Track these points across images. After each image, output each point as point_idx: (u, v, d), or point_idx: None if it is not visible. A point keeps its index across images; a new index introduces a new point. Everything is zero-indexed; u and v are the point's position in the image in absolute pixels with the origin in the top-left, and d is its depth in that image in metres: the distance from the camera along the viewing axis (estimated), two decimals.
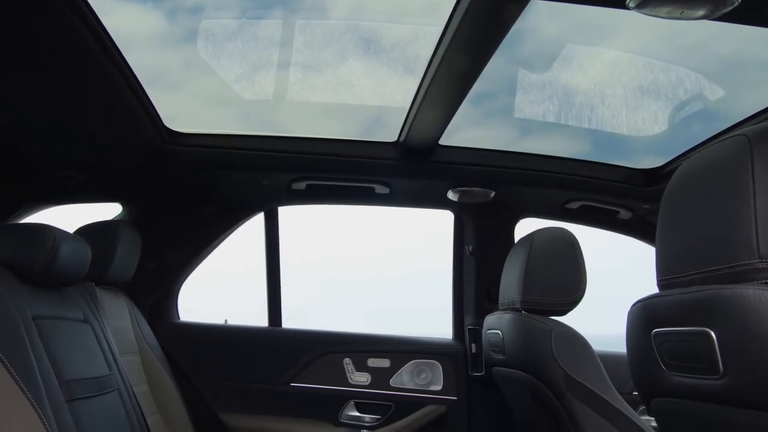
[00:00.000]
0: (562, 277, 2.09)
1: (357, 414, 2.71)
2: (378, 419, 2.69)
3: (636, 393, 2.60)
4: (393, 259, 4.11)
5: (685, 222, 1.12)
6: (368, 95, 2.38)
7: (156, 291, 2.77)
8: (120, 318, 2.20)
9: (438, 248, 3.02)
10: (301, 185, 2.59)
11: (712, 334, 0.98)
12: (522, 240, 2.24)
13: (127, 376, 1.89)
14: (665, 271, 1.17)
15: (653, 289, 1.26)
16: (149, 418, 1.95)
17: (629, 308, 1.28)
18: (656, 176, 2.53)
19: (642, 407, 2.67)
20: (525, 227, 2.84)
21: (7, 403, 1.11)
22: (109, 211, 2.75)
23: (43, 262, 1.51)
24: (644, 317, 1.20)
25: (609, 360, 2.03)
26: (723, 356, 0.97)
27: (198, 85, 2.34)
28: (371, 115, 2.53)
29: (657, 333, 1.15)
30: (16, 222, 2.46)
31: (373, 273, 4.21)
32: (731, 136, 1.03)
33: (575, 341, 2.00)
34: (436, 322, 2.97)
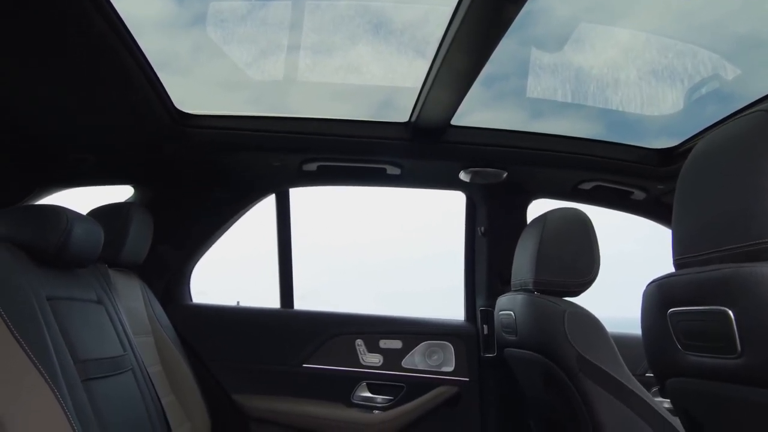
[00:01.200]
0: (575, 257, 2.07)
1: (369, 395, 2.72)
2: (390, 400, 2.70)
3: (649, 374, 2.62)
4: (406, 242, 4.11)
5: (703, 200, 1.11)
6: (379, 77, 2.36)
7: (168, 273, 2.78)
8: (133, 299, 2.21)
9: (450, 230, 3.01)
10: (312, 166, 2.58)
11: (730, 313, 0.97)
12: (535, 220, 2.23)
13: (141, 356, 1.90)
14: (681, 250, 1.15)
15: (665, 272, 1.25)
16: (163, 399, 1.96)
17: (644, 288, 1.27)
18: (671, 156, 2.50)
19: (655, 389, 2.67)
20: (537, 209, 2.83)
21: (23, 383, 1.12)
22: (120, 194, 2.77)
23: (56, 243, 1.51)
24: (660, 297, 1.19)
25: (621, 341, 2.02)
26: (741, 335, 0.96)
27: (207, 70, 2.33)
28: (382, 98, 2.52)
29: (673, 312, 1.14)
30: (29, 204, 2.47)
31: (387, 257, 4.22)
32: (749, 113, 1.01)
33: (588, 322, 1.99)
34: (450, 304, 2.97)
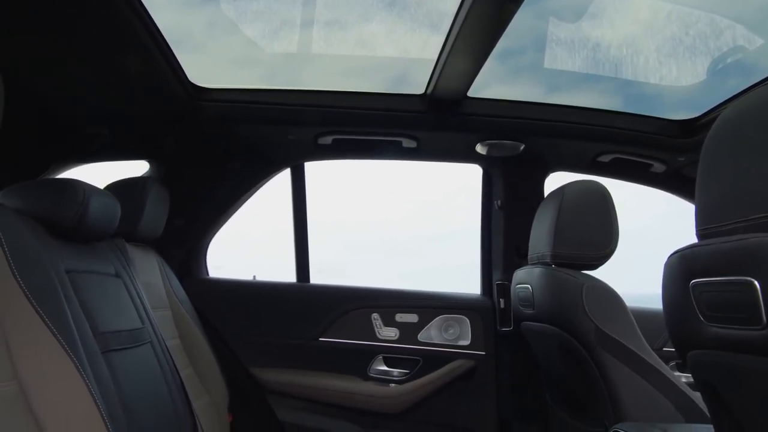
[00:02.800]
0: (594, 230, 2.05)
1: (385, 368, 2.73)
2: (406, 373, 2.71)
3: (667, 349, 2.61)
4: (424, 218, 4.09)
5: (729, 169, 1.08)
6: (393, 51, 2.34)
7: (184, 247, 2.79)
8: (150, 274, 2.22)
9: (467, 206, 3.00)
10: (327, 140, 2.56)
11: (756, 283, 0.95)
12: (553, 193, 2.20)
13: (159, 330, 1.91)
14: (705, 221, 1.13)
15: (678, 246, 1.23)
16: (182, 372, 1.98)
17: (666, 259, 1.25)
18: (693, 127, 2.45)
19: (673, 363, 2.65)
20: (554, 182, 2.79)
21: (44, 354, 1.12)
22: (136, 171, 2.77)
23: (73, 216, 1.52)
24: (682, 268, 1.17)
25: (638, 315, 2.00)
26: (766, 306, 0.94)
27: (221, 46, 2.32)
28: (396, 73, 2.49)
29: (696, 284, 1.12)
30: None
31: (405, 234, 4.20)
32: None
33: (607, 295, 1.98)
34: (469, 280, 2.96)
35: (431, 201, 4.09)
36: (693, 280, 1.13)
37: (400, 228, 4.14)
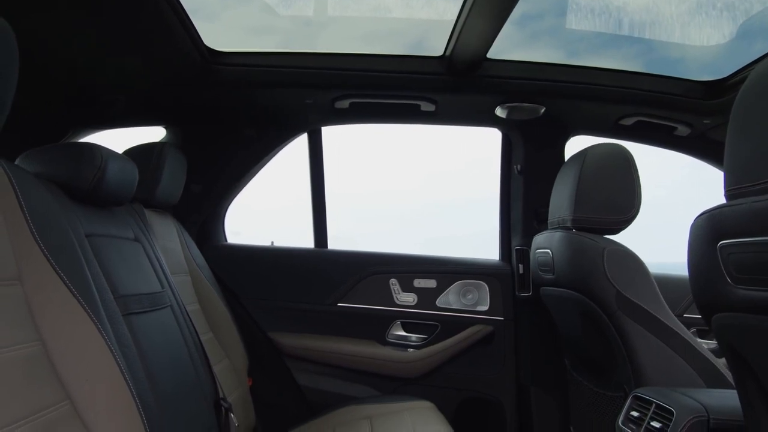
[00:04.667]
0: (616, 194, 2.02)
1: (403, 333, 2.75)
2: (424, 339, 2.72)
3: (687, 315, 2.58)
4: (438, 187, 4.06)
5: (760, 127, 1.04)
6: (411, 13, 2.28)
7: (202, 213, 2.80)
8: (169, 239, 2.23)
9: (486, 172, 2.97)
10: (345, 103, 2.53)
11: None
12: (574, 156, 2.16)
13: (179, 295, 1.92)
14: (735, 180, 1.10)
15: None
16: (202, 336, 1.99)
17: (692, 221, 1.22)
18: (720, 88, 2.38)
19: (693, 329, 2.63)
20: (575, 146, 2.75)
21: (66, 316, 1.13)
22: (154, 138, 2.76)
23: (92, 179, 1.51)
24: (710, 229, 1.14)
25: (659, 282, 1.97)
26: None
27: (237, 14, 2.29)
28: (414, 36, 2.44)
29: (724, 245, 1.10)
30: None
31: (424, 202, 4.18)
32: None
33: (628, 259, 1.95)
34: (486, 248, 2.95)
35: (445, 170, 4.06)
36: (721, 242, 1.10)
37: (414, 197, 4.12)
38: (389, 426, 2.11)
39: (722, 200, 1.14)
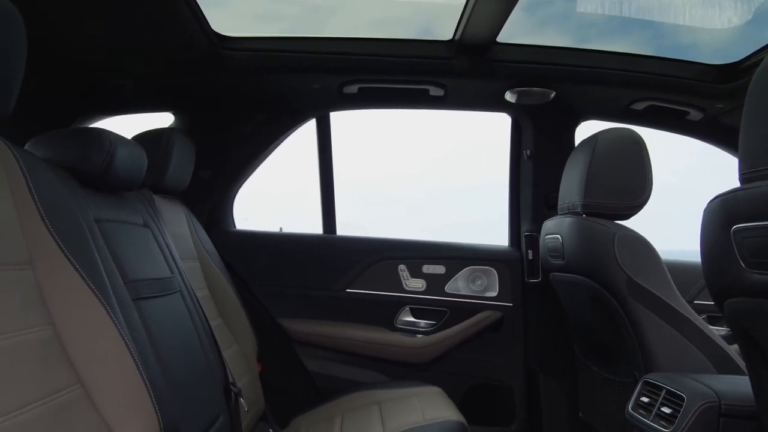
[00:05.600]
0: (627, 178, 2.00)
1: (412, 319, 2.75)
2: (433, 324, 2.72)
3: (698, 302, 2.56)
4: (443, 173, 4.04)
5: None
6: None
7: (211, 199, 2.80)
8: (178, 225, 2.23)
9: (495, 158, 2.95)
10: (353, 88, 2.51)
11: None
12: (585, 141, 2.14)
13: (188, 280, 1.93)
14: (750, 164, 1.08)
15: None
16: (212, 322, 2.00)
17: (706, 205, 1.21)
18: (733, 72, 2.35)
19: (704, 316, 2.62)
20: (585, 132, 2.72)
21: (77, 301, 1.13)
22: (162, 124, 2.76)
23: (101, 164, 1.51)
24: (724, 213, 1.13)
25: (670, 268, 1.96)
26: None
27: (244, 1, 2.28)
28: (423, 21, 2.42)
29: (738, 229, 1.08)
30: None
31: (431, 188, 4.16)
32: None
33: (639, 245, 1.94)
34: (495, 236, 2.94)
35: (452, 154, 4.04)
36: (735, 226, 1.09)
37: (420, 183, 4.10)
38: (398, 411, 2.11)
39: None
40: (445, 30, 2.26)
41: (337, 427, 2.09)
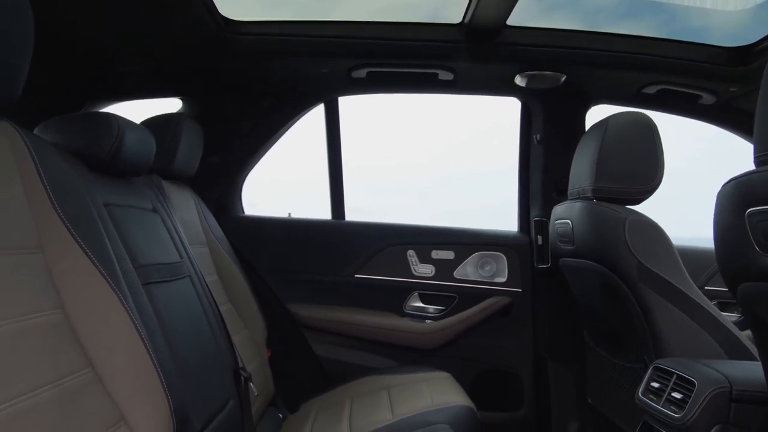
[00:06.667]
0: (639, 163, 1.98)
1: (421, 305, 2.75)
2: (442, 310, 2.72)
3: (709, 288, 2.54)
4: (452, 159, 4.02)
5: None
6: None
7: (219, 185, 2.80)
8: (187, 211, 2.23)
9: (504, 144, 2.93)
10: (362, 73, 2.49)
11: None
12: (595, 125, 2.12)
13: (198, 265, 1.93)
14: (765, 147, 1.06)
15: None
16: (221, 307, 2.00)
17: (719, 188, 1.19)
18: (747, 54, 2.31)
19: (715, 302, 2.60)
20: (596, 116, 2.70)
21: (87, 285, 1.13)
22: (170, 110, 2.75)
23: (109, 149, 1.51)
24: (738, 196, 1.11)
25: (681, 254, 1.94)
26: None
27: None
28: (431, 6, 2.39)
29: (753, 212, 1.07)
30: None
31: (439, 174, 4.14)
32: None
33: (651, 229, 1.92)
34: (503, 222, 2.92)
35: (458, 142, 4.02)
36: (749, 209, 1.07)
37: (429, 170, 4.08)
38: (407, 396, 2.11)
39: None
40: (454, 13, 2.23)
41: (346, 412, 2.09)
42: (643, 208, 2.04)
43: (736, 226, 1.11)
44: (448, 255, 2.73)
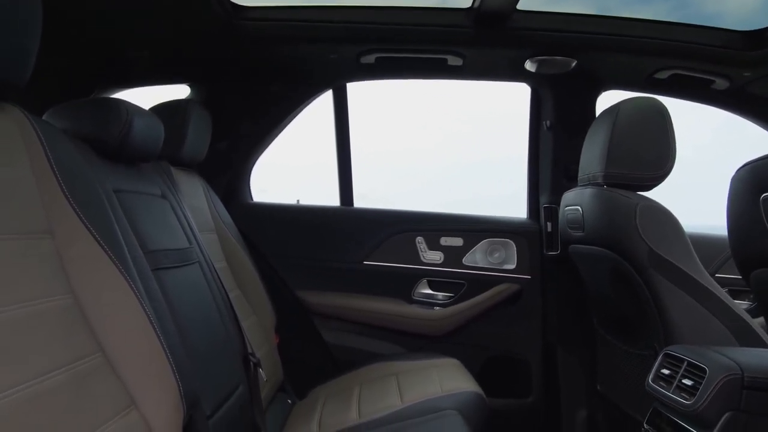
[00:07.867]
0: (650, 149, 1.96)
1: (429, 291, 2.75)
2: (451, 297, 2.72)
3: (719, 275, 2.53)
4: (458, 146, 4.00)
5: None
6: None
7: (228, 171, 2.80)
8: (196, 197, 2.23)
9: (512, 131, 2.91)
10: (370, 58, 2.48)
11: None
12: (606, 110, 2.10)
13: (207, 252, 1.93)
14: None
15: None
16: (230, 293, 2.01)
17: (733, 173, 1.18)
18: (762, 38, 2.26)
19: (726, 289, 2.58)
20: (606, 102, 2.67)
21: (97, 271, 1.13)
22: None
23: (118, 135, 1.51)
24: (753, 181, 1.10)
25: (692, 240, 1.92)
26: None
27: None
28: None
29: (767, 197, 1.06)
30: None
31: (448, 162, 4.13)
32: None
33: (662, 216, 1.90)
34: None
35: (468, 127, 4.01)
36: (765, 194, 1.06)
37: (437, 156, 4.06)
38: (416, 382, 2.12)
39: None
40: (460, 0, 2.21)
41: (355, 398, 2.10)
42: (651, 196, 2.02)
43: (750, 211, 1.10)
44: (457, 242, 2.73)
